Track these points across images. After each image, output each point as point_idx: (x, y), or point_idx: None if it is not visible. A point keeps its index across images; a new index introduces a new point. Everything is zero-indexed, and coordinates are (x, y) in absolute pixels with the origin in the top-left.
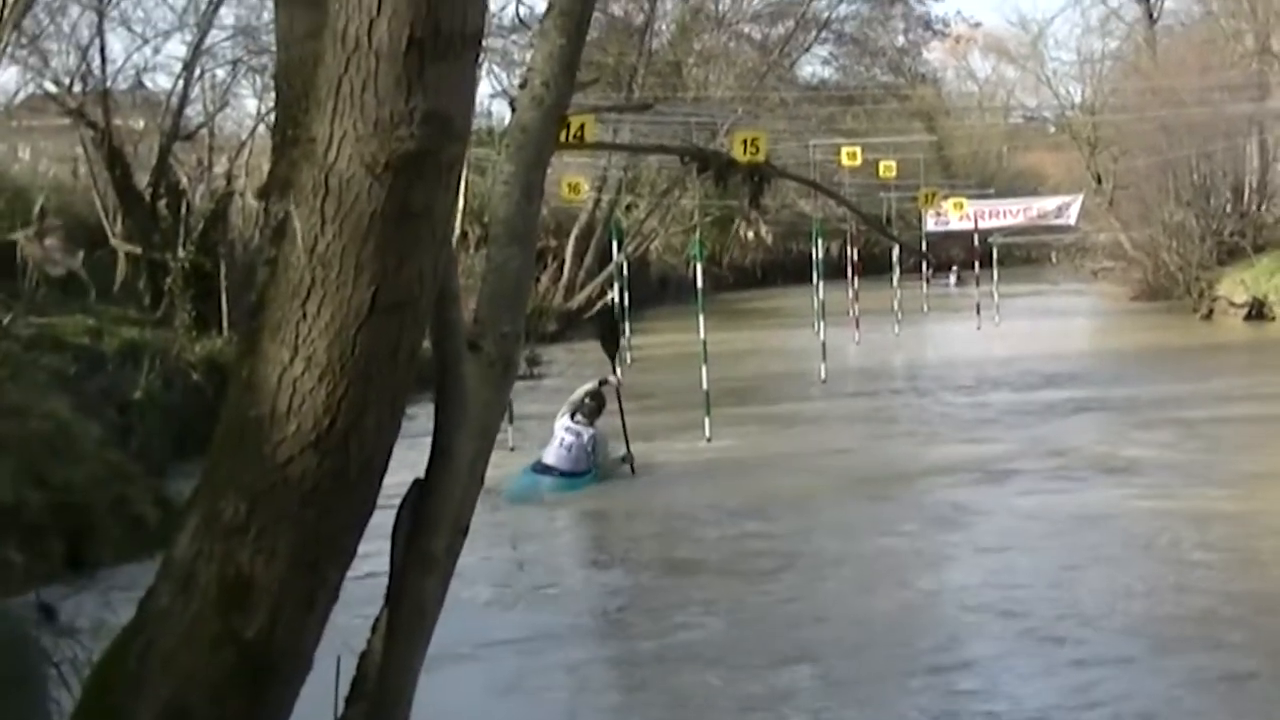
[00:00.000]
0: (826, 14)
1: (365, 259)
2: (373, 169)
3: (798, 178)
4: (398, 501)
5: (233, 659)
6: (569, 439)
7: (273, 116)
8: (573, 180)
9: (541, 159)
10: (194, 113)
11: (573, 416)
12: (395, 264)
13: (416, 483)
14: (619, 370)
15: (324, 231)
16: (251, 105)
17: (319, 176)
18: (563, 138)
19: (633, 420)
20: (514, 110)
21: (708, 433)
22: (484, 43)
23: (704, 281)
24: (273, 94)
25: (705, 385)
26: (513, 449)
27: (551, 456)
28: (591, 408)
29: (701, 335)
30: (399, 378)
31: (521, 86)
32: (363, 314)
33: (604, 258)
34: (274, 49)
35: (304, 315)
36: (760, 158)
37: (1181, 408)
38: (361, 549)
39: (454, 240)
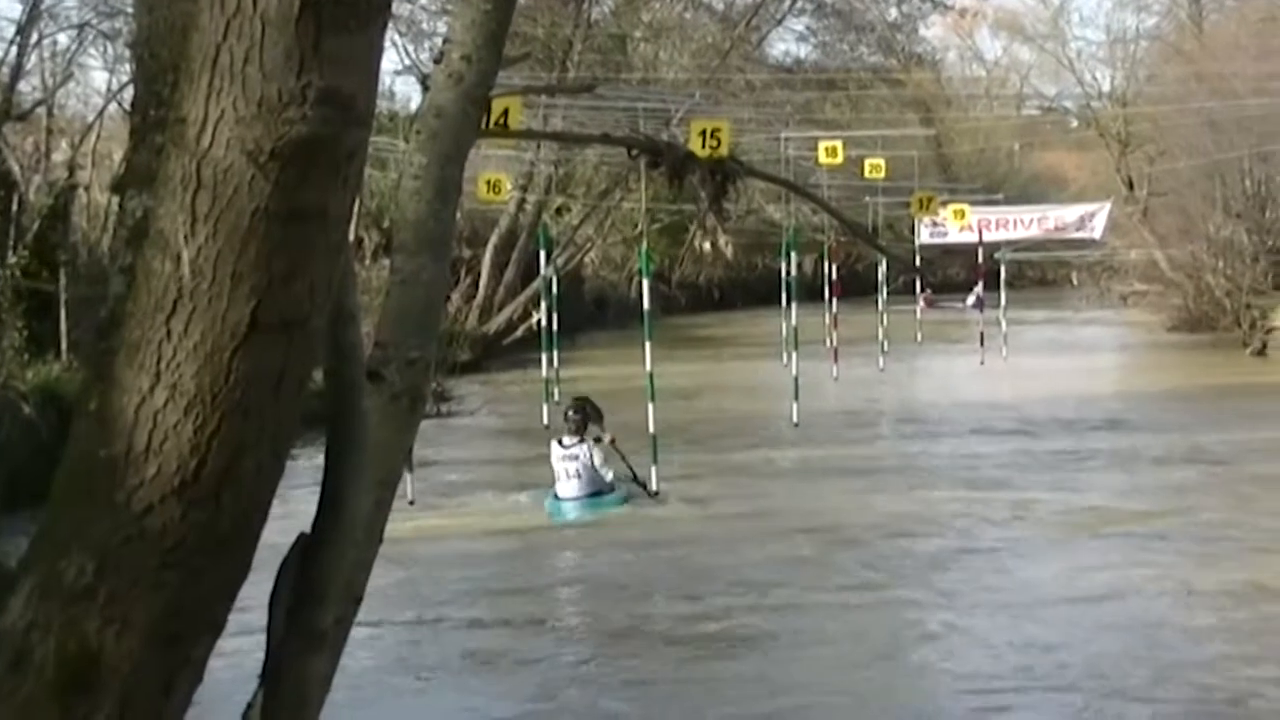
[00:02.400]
0: None
1: (245, 267)
2: (256, 158)
3: (770, 177)
4: (278, 562)
5: None
6: (571, 466)
7: (129, 93)
8: (493, 177)
9: (459, 149)
10: (29, 88)
11: (561, 442)
12: (282, 274)
13: (301, 539)
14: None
15: (195, 233)
16: (101, 79)
17: (190, 166)
18: (484, 124)
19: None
20: (426, 90)
21: (654, 486)
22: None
23: (651, 302)
24: (130, 66)
25: (652, 428)
26: (412, 502)
27: (564, 490)
28: (577, 421)
29: (648, 367)
30: (283, 412)
31: (436, 61)
32: (240, 334)
33: (528, 272)
34: (131, 11)
35: (168, 335)
36: (723, 152)
37: (1225, 462)
38: (232, 618)
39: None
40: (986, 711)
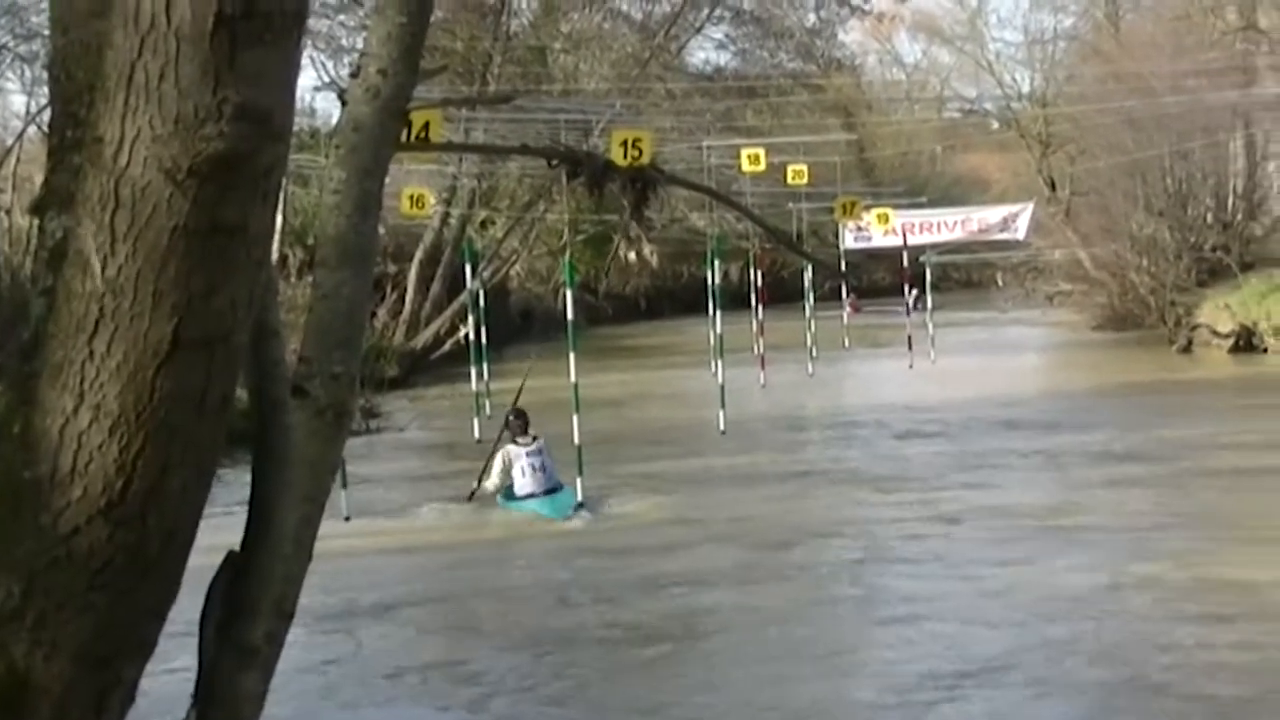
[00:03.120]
0: None
1: (165, 285)
2: (174, 175)
3: (691, 184)
4: (208, 580)
5: None
6: (536, 460)
7: (47, 115)
8: (415, 192)
9: (378, 164)
10: None
11: (517, 442)
12: (202, 291)
13: (230, 557)
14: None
15: (115, 252)
16: (20, 102)
17: (108, 185)
18: (404, 138)
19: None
20: (344, 105)
21: (580, 496)
22: (307, 23)
23: (577, 313)
24: (47, 87)
25: (577, 439)
26: (347, 519)
27: (525, 487)
28: (519, 425)
29: (573, 378)
30: (208, 430)
31: (353, 76)
32: (163, 352)
33: (454, 286)
34: (48, 32)
35: (91, 355)
36: (644, 161)
37: (1153, 461)
38: (163, 638)
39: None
40: (914, 707)
